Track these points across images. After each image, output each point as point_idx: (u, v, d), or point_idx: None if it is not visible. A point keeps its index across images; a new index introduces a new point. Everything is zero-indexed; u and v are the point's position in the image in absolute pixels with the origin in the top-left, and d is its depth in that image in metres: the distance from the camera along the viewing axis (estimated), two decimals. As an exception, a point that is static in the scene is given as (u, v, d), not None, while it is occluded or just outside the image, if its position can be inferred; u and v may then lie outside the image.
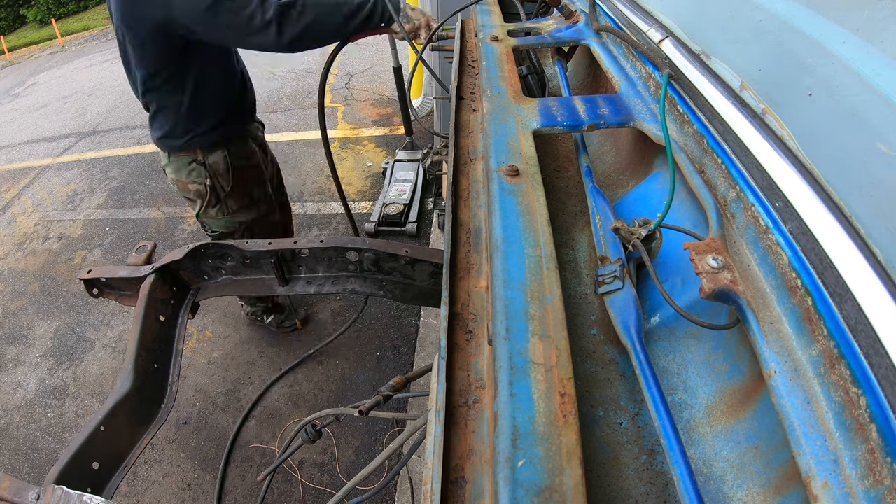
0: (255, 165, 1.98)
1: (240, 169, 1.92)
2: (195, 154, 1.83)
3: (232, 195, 1.94)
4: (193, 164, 1.85)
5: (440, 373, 0.59)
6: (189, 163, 1.84)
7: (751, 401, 0.65)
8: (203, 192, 1.90)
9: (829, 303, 0.53)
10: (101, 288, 1.51)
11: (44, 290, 3.43)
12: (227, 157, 1.87)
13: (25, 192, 4.69)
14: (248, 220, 2.03)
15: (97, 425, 1.12)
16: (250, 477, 2.20)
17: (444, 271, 0.69)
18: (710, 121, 0.81)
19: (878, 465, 0.43)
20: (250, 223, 2.05)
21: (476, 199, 0.87)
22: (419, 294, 1.48)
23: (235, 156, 1.90)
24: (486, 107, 0.96)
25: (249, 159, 1.96)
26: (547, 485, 0.42)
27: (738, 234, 0.71)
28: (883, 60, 0.56)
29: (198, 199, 1.92)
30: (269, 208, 2.11)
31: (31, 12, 14.24)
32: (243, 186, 1.96)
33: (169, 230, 3.78)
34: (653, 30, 1.04)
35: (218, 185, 1.89)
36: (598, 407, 0.73)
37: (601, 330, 0.82)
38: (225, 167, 1.87)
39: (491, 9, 1.48)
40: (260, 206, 2.05)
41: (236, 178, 1.91)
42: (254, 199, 2.02)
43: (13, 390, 2.78)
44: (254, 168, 1.99)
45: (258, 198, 2.04)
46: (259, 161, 2.03)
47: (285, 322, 2.74)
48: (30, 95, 7.62)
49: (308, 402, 2.47)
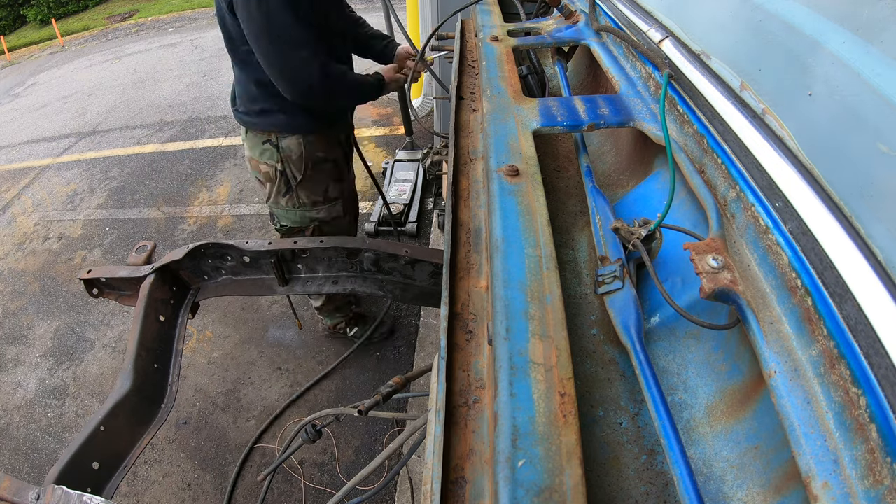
0: (333, 160, 1.90)
1: (316, 161, 1.84)
2: (269, 134, 1.78)
3: (304, 186, 1.85)
4: (267, 144, 1.79)
5: (440, 373, 0.59)
6: (263, 142, 1.79)
7: (751, 401, 0.65)
8: (272, 176, 1.83)
9: (829, 303, 0.52)
10: (101, 288, 1.51)
11: (44, 290, 3.43)
12: (303, 145, 1.79)
13: (25, 192, 4.69)
14: (320, 217, 1.94)
15: (97, 425, 1.12)
16: (250, 477, 2.20)
17: (444, 271, 0.69)
18: (710, 121, 0.81)
19: (878, 465, 0.43)
20: (322, 222, 1.96)
21: (476, 199, 0.87)
22: (419, 294, 1.48)
23: (313, 145, 1.81)
24: (486, 107, 0.96)
25: (328, 153, 1.87)
26: (547, 485, 0.42)
27: (738, 234, 0.71)
28: (883, 60, 0.56)
29: (267, 182, 1.86)
30: (344, 209, 2.02)
31: (31, 12, 14.24)
32: (318, 180, 1.87)
33: (169, 230, 3.78)
34: (653, 30, 1.04)
35: (289, 172, 1.81)
36: (598, 407, 0.73)
37: (601, 330, 0.82)
38: (299, 154, 1.79)
39: (491, 9, 1.48)
40: (336, 206, 1.97)
41: (310, 168, 1.83)
42: (329, 197, 1.92)
43: (13, 390, 2.78)
44: (332, 163, 1.90)
45: (334, 196, 1.94)
46: (339, 158, 1.94)
47: (374, 334, 2.60)
48: (30, 95, 7.62)
49: (308, 402, 2.47)
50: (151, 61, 7.89)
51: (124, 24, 11.82)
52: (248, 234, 3.60)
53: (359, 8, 4.16)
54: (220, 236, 3.63)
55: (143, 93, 6.53)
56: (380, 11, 3.24)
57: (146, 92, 6.54)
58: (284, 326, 2.84)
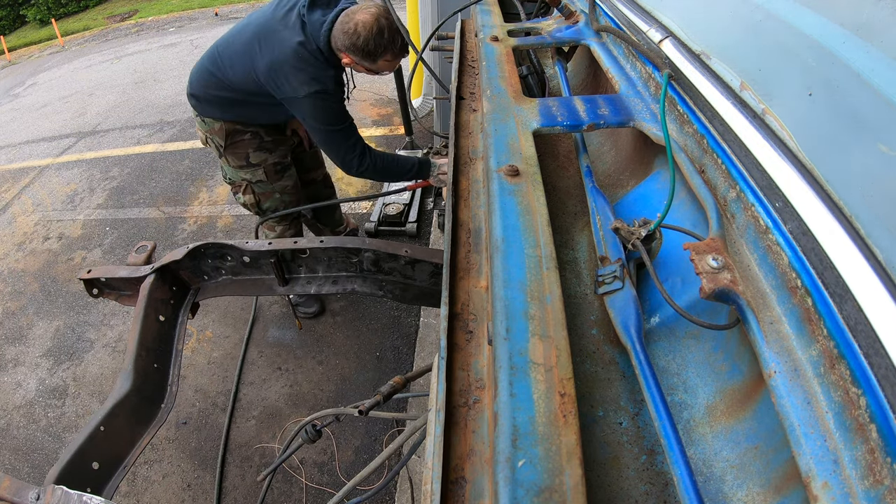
0: (252, 132, 2.22)
1: (233, 132, 2.18)
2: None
3: (229, 152, 2.22)
4: (198, 118, 2.21)
5: (440, 373, 0.59)
6: (196, 115, 2.22)
7: (751, 401, 0.65)
8: (205, 141, 2.26)
9: (829, 303, 0.52)
10: (101, 288, 1.51)
11: (44, 290, 3.43)
12: (222, 123, 2.18)
13: (25, 192, 4.69)
14: (248, 178, 2.31)
15: (97, 425, 1.12)
16: (250, 477, 2.20)
17: (444, 271, 0.69)
18: (710, 121, 0.81)
19: (878, 465, 0.43)
20: (250, 182, 2.33)
21: (476, 199, 0.87)
22: (419, 294, 1.48)
23: (230, 123, 2.17)
24: (486, 107, 0.96)
25: (246, 127, 2.20)
26: (547, 485, 0.42)
27: (738, 234, 0.71)
28: (883, 60, 0.56)
29: (206, 145, 2.30)
30: (271, 176, 2.33)
31: (31, 12, 14.23)
32: (238, 148, 2.22)
33: (169, 230, 3.78)
34: (653, 30, 1.04)
35: (214, 141, 2.20)
36: (598, 407, 0.73)
37: (601, 330, 0.82)
38: (219, 127, 2.16)
39: (491, 9, 1.48)
40: (258, 171, 2.29)
41: (230, 138, 2.18)
42: (251, 163, 2.27)
43: (13, 390, 2.78)
44: (250, 135, 2.22)
45: (255, 162, 2.27)
46: (260, 132, 2.23)
47: (301, 306, 2.85)
48: (30, 95, 7.61)
49: (308, 402, 2.47)
50: (151, 61, 7.89)
51: (124, 24, 11.82)
52: (249, 235, 3.60)
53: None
54: (220, 236, 3.63)
55: (143, 93, 6.53)
56: (380, 11, 3.23)
57: (146, 92, 6.53)
58: (284, 326, 2.84)
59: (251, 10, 10.51)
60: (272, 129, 2.29)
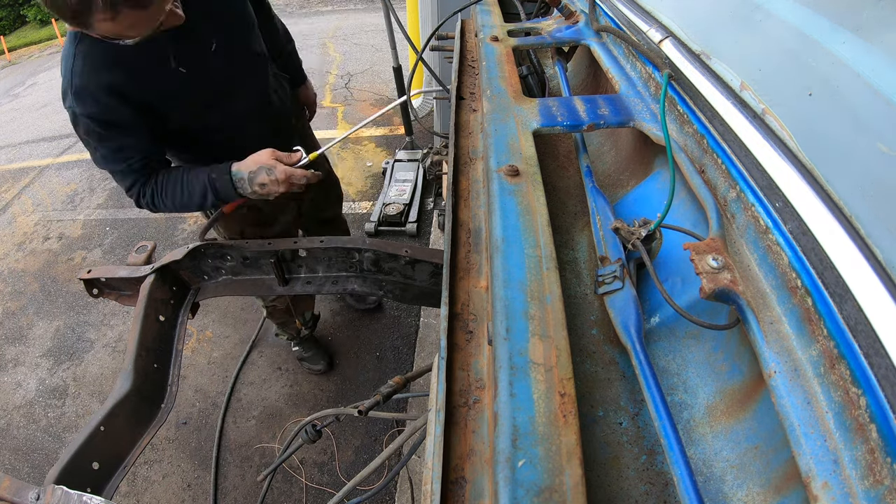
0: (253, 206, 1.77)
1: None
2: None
3: (222, 223, 1.86)
4: None
5: (440, 373, 0.59)
6: None
7: (751, 401, 0.65)
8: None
9: (829, 303, 0.52)
10: (101, 288, 1.51)
11: (44, 290, 3.43)
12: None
13: (25, 192, 4.69)
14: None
15: (97, 425, 1.12)
16: (250, 477, 2.21)
17: (444, 271, 0.69)
18: (710, 121, 0.81)
19: (878, 465, 0.43)
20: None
21: (476, 199, 0.87)
22: (419, 294, 1.48)
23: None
24: (486, 107, 0.96)
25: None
26: (547, 485, 0.42)
27: (738, 234, 0.71)
28: (883, 60, 0.56)
29: None
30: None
31: (31, 12, 14.22)
32: (233, 223, 1.87)
33: (169, 230, 3.78)
34: (653, 30, 1.04)
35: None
36: (598, 407, 0.73)
37: (601, 330, 0.82)
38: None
39: (491, 9, 1.48)
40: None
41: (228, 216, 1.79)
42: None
43: (13, 390, 2.78)
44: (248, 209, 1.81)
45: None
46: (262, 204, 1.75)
47: (306, 362, 2.62)
48: (30, 95, 7.61)
49: (308, 402, 2.47)
50: (151, 61, 7.88)
51: (124, 24, 11.79)
52: (248, 234, 3.59)
53: (359, 8, 4.19)
54: (220, 236, 3.63)
55: (143, 93, 6.52)
56: (380, 11, 3.25)
57: (146, 92, 6.52)
58: (284, 326, 2.84)
59: (251, 10, 10.51)
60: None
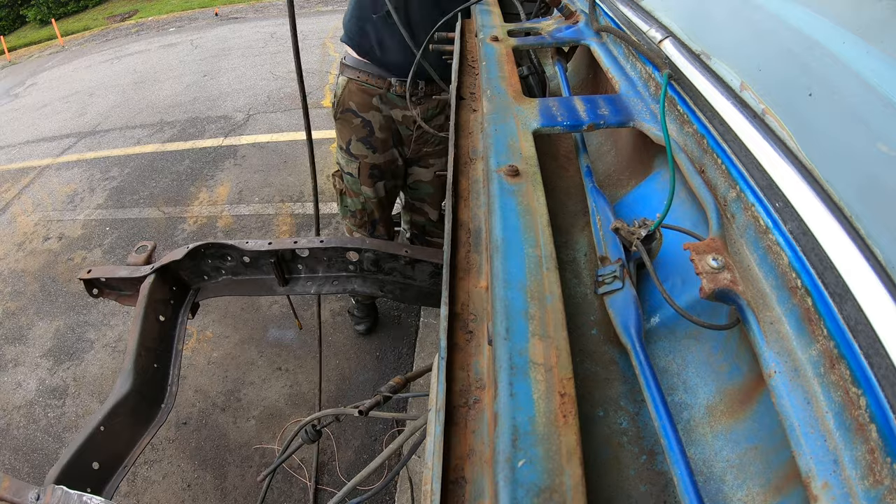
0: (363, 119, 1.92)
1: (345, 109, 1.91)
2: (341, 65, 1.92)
3: (338, 123, 1.97)
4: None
5: (440, 373, 0.59)
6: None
7: (751, 401, 0.65)
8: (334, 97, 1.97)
9: (829, 303, 0.52)
10: (100, 288, 1.51)
11: (44, 290, 3.43)
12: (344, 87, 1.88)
13: (25, 192, 4.69)
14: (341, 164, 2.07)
15: (97, 425, 1.12)
16: (250, 477, 2.20)
17: (444, 271, 0.69)
18: (710, 121, 0.81)
19: (878, 465, 0.43)
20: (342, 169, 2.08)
21: (476, 199, 0.87)
22: (419, 294, 1.48)
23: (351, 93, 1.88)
24: (486, 107, 0.96)
25: (359, 109, 1.90)
26: (547, 485, 0.42)
27: (738, 234, 0.71)
28: (883, 60, 0.56)
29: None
30: (363, 177, 2.05)
31: (31, 12, 14.23)
32: (343, 128, 1.95)
33: (169, 230, 3.78)
34: (653, 30, 1.04)
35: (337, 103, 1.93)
36: (598, 407, 0.73)
37: (601, 330, 0.82)
38: (341, 93, 1.90)
39: (491, 9, 1.48)
40: (353, 164, 2.02)
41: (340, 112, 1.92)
42: (350, 151, 1.97)
43: (13, 390, 2.78)
44: (361, 120, 1.92)
45: (356, 153, 1.98)
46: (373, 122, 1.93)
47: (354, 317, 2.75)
48: (30, 95, 7.61)
49: (308, 402, 2.47)
50: (151, 61, 7.89)
51: (124, 24, 11.82)
52: (248, 235, 3.60)
53: (359, 8, 4.04)
54: (219, 236, 3.63)
55: (143, 93, 6.53)
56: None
57: (146, 92, 6.53)
58: (284, 326, 2.84)
59: (251, 10, 10.52)
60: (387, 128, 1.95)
